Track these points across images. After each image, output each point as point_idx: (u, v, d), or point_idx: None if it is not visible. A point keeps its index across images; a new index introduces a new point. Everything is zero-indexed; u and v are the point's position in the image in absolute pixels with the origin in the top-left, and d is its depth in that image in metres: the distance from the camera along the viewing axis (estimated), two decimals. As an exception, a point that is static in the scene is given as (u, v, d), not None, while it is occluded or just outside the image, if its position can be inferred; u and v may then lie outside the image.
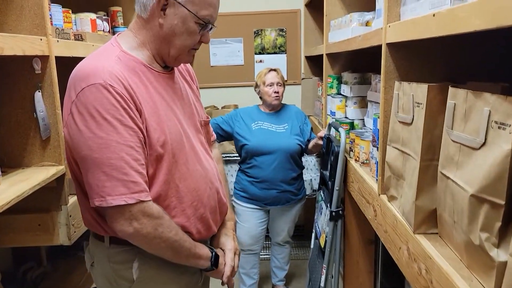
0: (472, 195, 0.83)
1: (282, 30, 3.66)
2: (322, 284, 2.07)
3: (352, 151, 1.94)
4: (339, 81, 2.42)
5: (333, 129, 2.22)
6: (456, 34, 0.84)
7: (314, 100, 3.32)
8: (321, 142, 2.37)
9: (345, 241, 2.25)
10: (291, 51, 3.70)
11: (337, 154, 1.95)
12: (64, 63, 1.41)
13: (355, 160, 1.88)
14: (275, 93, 2.50)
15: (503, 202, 0.76)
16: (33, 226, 1.40)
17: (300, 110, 2.72)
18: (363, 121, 2.12)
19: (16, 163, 1.38)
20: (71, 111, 1.01)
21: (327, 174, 2.16)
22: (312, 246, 2.45)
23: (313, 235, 2.44)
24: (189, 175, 1.17)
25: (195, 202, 1.19)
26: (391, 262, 1.33)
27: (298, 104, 3.55)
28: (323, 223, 2.18)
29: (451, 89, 0.93)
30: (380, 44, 1.35)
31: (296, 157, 2.49)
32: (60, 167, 1.37)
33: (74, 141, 1.01)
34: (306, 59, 3.66)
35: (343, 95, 2.31)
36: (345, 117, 2.27)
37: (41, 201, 1.38)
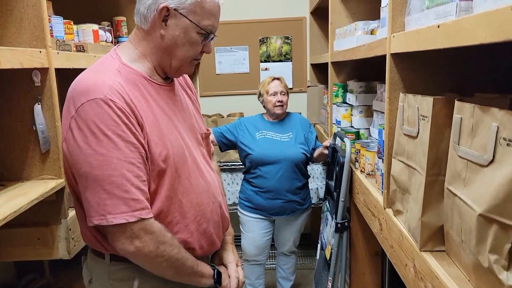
0: (480, 215, 0.79)
1: (287, 38, 3.64)
2: (327, 297, 2.03)
3: (357, 162, 1.91)
4: (345, 89, 2.39)
5: (338, 139, 2.19)
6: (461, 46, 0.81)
7: (320, 108, 3.29)
8: (326, 151, 2.34)
9: (351, 252, 2.20)
10: (296, 59, 3.68)
11: (342, 164, 1.92)
12: (65, 74, 1.40)
13: (361, 171, 1.84)
14: (279, 102, 2.48)
15: (512, 223, 0.73)
16: (32, 240, 1.38)
17: (304, 118, 2.69)
18: (369, 130, 2.09)
19: (16, 176, 1.37)
20: (70, 126, 0.99)
21: (333, 184, 2.12)
22: (317, 257, 2.41)
23: (319, 246, 2.40)
24: (192, 189, 1.15)
25: (199, 217, 1.16)
26: (399, 275, 1.29)
27: (303, 112, 3.53)
28: (328, 235, 2.14)
29: (457, 103, 0.90)
30: (384, 54, 1.32)
31: (301, 166, 2.46)
32: (59, 181, 1.35)
33: (73, 158, 0.99)
34: (311, 67, 3.64)
35: (348, 104, 2.28)
36: (351, 126, 2.24)
37: (40, 215, 1.37)
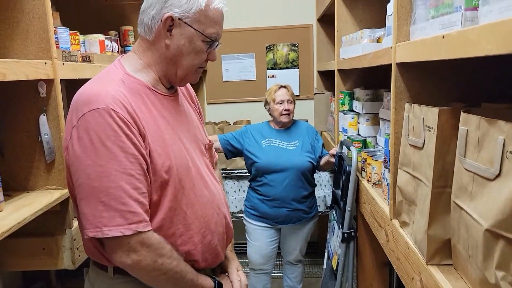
0: (487, 230, 0.77)
1: (294, 45, 3.64)
2: (334, 307, 2.00)
3: (364, 171, 1.89)
4: (351, 97, 2.38)
5: (345, 147, 2.17)
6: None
7: (327, 115, 3.28)
8: (333, 159, 2.32)
9: (358, 263, 2.17)
10: (303, 66, 3.67)
11: (348, 173, 1.90)
12: (72, 83, 1.41)
13: (367, 180, 1.82)
14: (285, 111, 2.47)
15: (520, 239, 0.71)
16: (37, 250, 1.38)
17: (311, 126, 2.67)
18: (376, 138, 2.07)
19: (21, 186, 1.37)
20: (71, 136, 0.98)
21: (339, 193, 2.11)
22: (324, 266, 2.38)
23: (326, 255, 2.37)
24: (196, 200, 1.13)
25: (203, 228, 1.14)
26: None
27: (310, 119, 3.52)
28: (335, 244, 2.12)
29: (463, 114, 0.88)
30: (390, 63, 1.30)
31: (307, 174, 2.44)
32: (64, 191, 1.35)
33: (73, 168, 0.99)
34: (318, 74, 3.63)
35: (355, 112, 2.26)
36: (358, 134, 2.22)
37: (45, 225, 1.37)
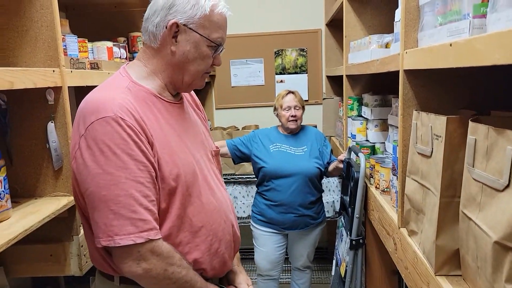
0: (495, 242, 0.76)
1: (303, 50, 3.63)
2: (342, 315, 1.98)
3: (372, 178, 1.87)
4: (360, 103, 2.36)
5: (353, 153, 2.15)
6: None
7: (335, 120, 3.26)
8: (341, 165, 2.30)
9: (366, 270, 2.15)
10: (312, 71, 3.66)
11: (356, 180, 1.88)
12: (81, 90, 1.42)
13: (376, 187, 1.80)
14: (292, 117, 2.47)
15: (530, 252, 0.69)
16: (45, 256, 1.39)
17: (319, 132, 2.66)
18: (384, 144, 2.05)
19: (29, 193, 1.38)
20: (79, 145, 0.98)
21: (347, 199, 2.09)
22: (333, 273, 2.36)
23: (334, 262, 2.35)
24: (203, 208, 1.13)
25: (210, 236, 1.13)
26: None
27: (319, 124, 3.50)
28: (343, 251, 2.10)
29: (471, 123, 0.87)
30: (397, 70, 1.29)
31: (315, 180, 2.43)
32: (71, 198, 1.36)
33: (81, 177, 0.98)
34: (327, 79, 3.61)
35: (364, 117, 2.24)
36: (366, 140, 2.20)
37: (53, 231, 1.38)
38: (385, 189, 1.70)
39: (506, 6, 0.72)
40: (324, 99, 3.51)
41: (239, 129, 3.56)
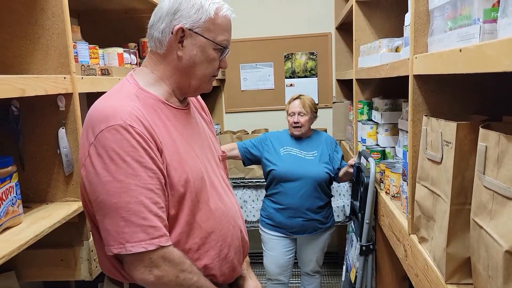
0: (507, 251, 0.74)
1: (312, 53, 3.62)
2: (353, 322, 1.97)
3: (382, 183, 1.85)
4: (370, 106, 2.35)
5: (363, 158, 2.14)
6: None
7: (345, 124, 3.24)
8: (351, 170, 2.29)
9: (377, 276, 2.13)
10: (322, 75, 3.65)
11: (366, 185, 1.87)
12: (93, 96, 1.43)
13: (386, 192, 1.79)
14: (295, 123, 2.47)
15: (542, 263, 0.68)
16: (56, 261, 1.40)
17: (330, 137, 2.64)
18: (395, 149, 2.03)
19: (41, 198, 1.40)
20: (89, 153, 0.98)
21: (357, 204, 2.07)
22: (343, 279, 2.35)
23: (344, 267, 2.34)
24: (212, 214, 1.13)
25: (219, 242, 1.13)
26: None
27: (329, 128, 3.49)
28: (353, 257, 2.08)
29: (481, 130, 0.85)
30: (407, 74, 1.28)
31: (324, 185, 2.41)
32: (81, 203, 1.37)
33: (92, 185, 0.98)
34: (337, 82, 3.60)
35: (374, 122, 2.23)
36: (376, 145, 2.19)
37: (64, 236, 1.39)
38: (395, 195, 1.68)
39: (516, 11, 0.71)
40: (334, 102, 3.50)
41: (248, 133, 3.56)
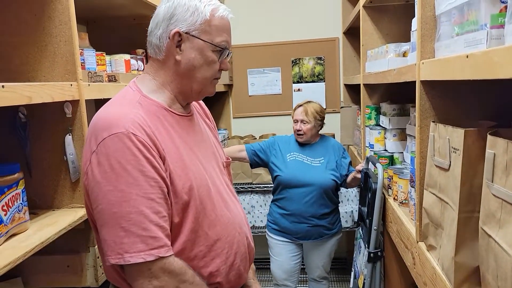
0: (516, 262, 0.73)
1: (320, 58, 3.61)
2: (361, 329, 1.94)
3: (390, 189, 1.83)
4: (378, 111, 2.33)
5: (371, 163, 2.12)
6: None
7: (353, 129, 3.23)
8: (359, 175, 2.27)
9: (385, 284, 2.10)
10: (329, 79, 3.64)
11: (374, 191, 1.85)
12: (101, 102, 1.44)
13: (394, 198, 1.77)
14: (297, 131, 2.46)
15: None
16: (62, 267, 1.41)
17: (338, 143, 2.61)
18: (403, 154, 2.01)
19: (47, 204, 1.41)
20: (91, 161, 0.98)
21: (365, 210, 2.05)
22: (351, 286, 2.32)
23: (352, 274, 2.31)
24: (218, 221, 1.12)
25: (226, 249, 1.12)
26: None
27: (337, 133, 3.47)
28: (361, 263, 2.06)
29: (489, 137, 0.84)
30: (414, 80, 1.27)
31: (330, 192, 2.40)
32: (88, 209, 1.37)
33: (93, 194, 0.98)
34: (345, 87, 3.58)
35: (382, 127, 2.21)
36: (384, 150, 2.17)
37: (70, 243, 1.39)
38: (403, 201, 1.66)
39: (524, 17, 0.70)
40: (342, 107, 3.48)
41: (256, 138, 3.56)
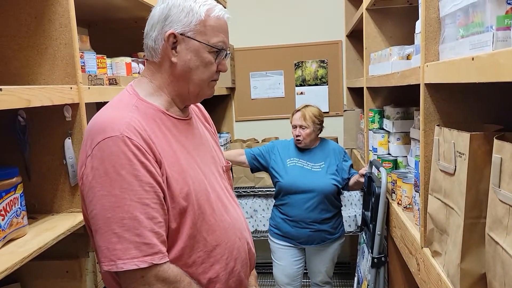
0: (525, 270, 0.71)
1: (323, 61, 3.60)
2: (364, 336, 1.91)
3: (394, 193, 1.81)
4: (381, 115, 2.31)
5: (374, 167, 2.09)
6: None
7: (357, 132, 3.20)
8: (362, 179, 2.24)
9: (389, 289, 2.07)
10: (332, 82, 3.62)
11: (378, 195, 1.82)
12: (102, 105, 1.42)
13: (398, 203, 1.74)
14: (297, 136, 2.45)
15: None
16: (61, 272, 1.39)
17: (339, 146, 2.59)
18: (407, 158, 1.99)
19: (47, 208, 1.39)
20: (85, 165, 0.97)
21: (369, 215, 2.02)
22: (354, 291, 2.29)
23: (355, 279, 2.28)
24: (217, 226, 1.10)
25: (225, 255, 1.11)
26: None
27: (340, 136, 3.45)
28: (365, 269, 2.03)
29: (496, 141, 0.82)
30: (418, 83, 1.25)
31: (331, 197, 2.37)
32: (87, 214, 1.36)
33: (87, 198, 0.97)
34: (348, 90, 3.56)
35: (385, 130, 2.19)
36: (388, 154, 2.14)
37: (69, 247, 1.37)
38: (408, 206, 1.64)
39: (531, 18, 0.68)
40: (345, 111, 3.46)
41: (258, 142, 3.54)
